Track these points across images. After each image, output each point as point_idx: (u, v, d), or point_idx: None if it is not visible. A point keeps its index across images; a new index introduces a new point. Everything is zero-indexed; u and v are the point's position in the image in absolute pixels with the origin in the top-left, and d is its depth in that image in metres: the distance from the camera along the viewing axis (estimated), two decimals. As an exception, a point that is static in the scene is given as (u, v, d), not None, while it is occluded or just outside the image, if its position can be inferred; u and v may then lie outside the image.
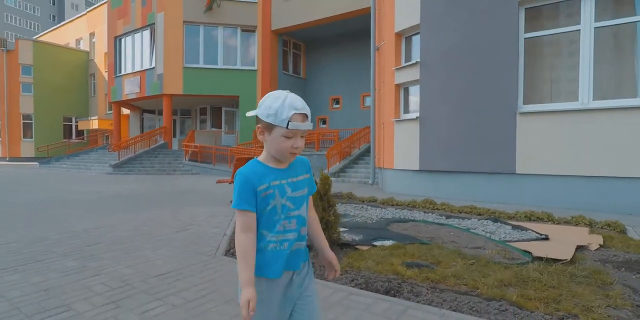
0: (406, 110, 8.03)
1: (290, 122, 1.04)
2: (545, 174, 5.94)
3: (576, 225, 4.46)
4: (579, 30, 5.72)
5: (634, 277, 2.78)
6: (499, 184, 6.36)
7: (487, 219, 4.75)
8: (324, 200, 3.38)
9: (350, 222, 4.64)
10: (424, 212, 5.36)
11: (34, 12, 63.10)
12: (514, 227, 4.27)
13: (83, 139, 27.13)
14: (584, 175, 5.65)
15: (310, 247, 1.26)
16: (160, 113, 21.12)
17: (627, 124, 5.32)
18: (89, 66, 28.04)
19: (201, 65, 17.13)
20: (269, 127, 1.08)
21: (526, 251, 3.25)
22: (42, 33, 33.95)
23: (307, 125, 1.08)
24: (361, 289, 2.54)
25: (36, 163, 20.56)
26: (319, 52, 18.95)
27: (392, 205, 5.97)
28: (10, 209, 5.88)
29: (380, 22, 8.86)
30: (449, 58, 6.83)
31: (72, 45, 29.43)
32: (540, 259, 3.04)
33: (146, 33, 18.01)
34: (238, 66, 17.45)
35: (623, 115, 5.36)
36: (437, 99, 7.00)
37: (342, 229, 4.08)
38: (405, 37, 7.95)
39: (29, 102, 25.36)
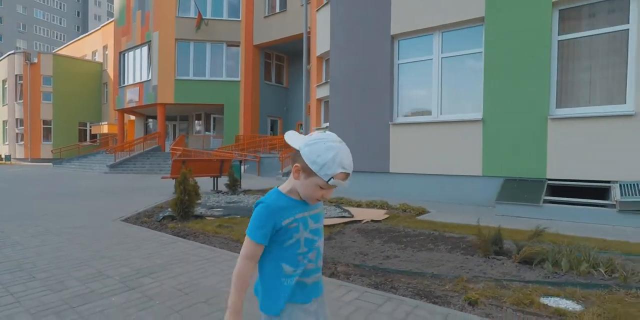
0: (326, 120, 9.68)
1: (332, 179, 1.01)
2: (409, 173, 7.47)
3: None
4: (431, 59, 7.26)
5: (362, 237, 4.35)
6: (380, 180, 7.92)
7: (334, 204, 6.37)
8: (181, 187, 5.12)
9: (229, 205, 6.35)
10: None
11: (60, 23, 67.75)
12: (343, 210, 5.87)
13: (96, 142, 29.84)
14: (434, 173, 7.15)
15: None
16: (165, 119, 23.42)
17: (464, 134, 6.80)
18: (103, 76, 30.82)
19: (191, 77, 19.22)
20: (308, 172, 1.03)
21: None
22: (64, 45, 37.23)
23: (346, 184, 1.05)
24: (178, 236, 4.27)
25: (50, 164, 23.20)
26: (301, 63, 20.73)
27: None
28: (11, 196, 7.90)
29: (310, 46, 10.57)
30: (348, 78, 8.45)
31: (89, 56, 32.39)
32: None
33: (144, 49, 20.30)
34: (224, 77, 19.45)
35: (462, 127, 6.85)
36: (340, 111, 8.62)
37: (218, 209, 5.84)
38: (325, 59, 9.62)
39: (49, 109, 28.26)
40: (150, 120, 25.25)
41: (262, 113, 19.93)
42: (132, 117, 25.99)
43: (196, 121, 23.27)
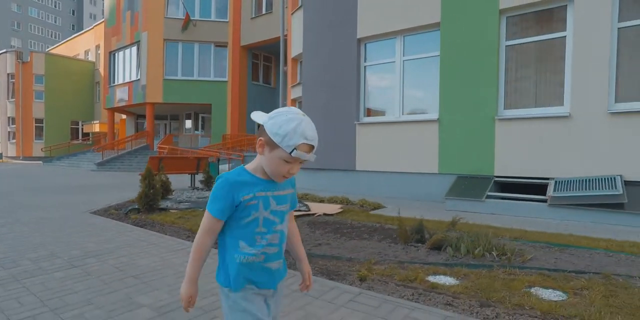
0: (301, 120, 10.03)
1: (295, 150, 1.00)
2: (374, 171, 7.83)
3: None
4: (394, 62, 7.64)
5: (307, 228, 4.70)
6: (347, 178, 8.29)
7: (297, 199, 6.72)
8: (146, 181, 5.46)
9: (199, 199, 6.70)
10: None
11: (55, 22, 67.68)
12: (302, 204, 6.22)
13: (88, 140, 30.04)
14: (397, 171, 7.52)
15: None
16: (156, 118, 23.72)
17: (423, 133, 7.17)
18: (95, 75, 31.02)
19: (179, 77, 19.53)
20: (272, 145, 1.02)
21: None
22: (57, 44, 37.39)
23: (311, 157, 1.03)
24: (137, 226, 4.61)
25: (41, 162, 23.43)
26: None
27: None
28: (-14, 191, 8.22)
29: (287, 48, 10.92)
30: (319, 80, 8.80)
31: (82, 55, 32.57)
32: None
33: (134, 49, 20.59)
34: (211, 78, 19.76)
35: (421, 127, 7.22)
36: (310, 111, 8.95)
37: (186, 203, 6.19)
38: (299, 61, 9.98)
39: (41, 108, 28.44)
40: (141, 119, 25.51)
41: (250, 112, 20.20)
42: (124, 116, 26.24)
43: (186, 120, 23.58)
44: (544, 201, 5.30)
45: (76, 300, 2.31)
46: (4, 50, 29.23)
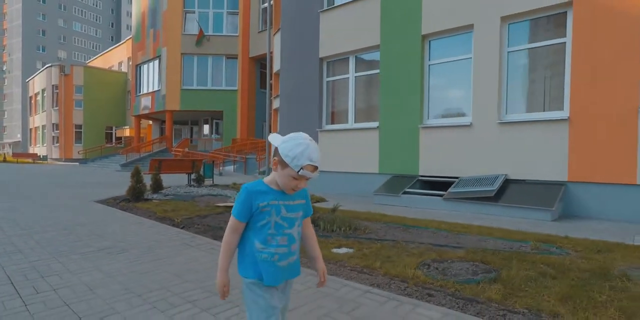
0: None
1: (301, 170, 1.22)
2: (332, 171, 9.14)
3: None
4: (348, 77, 8.94)
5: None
6: (312, 177, 9.64)
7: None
8: (135, 177, 7.11)
9: (184, 193, 8.30)
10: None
11: (96, 34, 73.36)
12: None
13: (120, 143, 33.10)
14: (349, 171, 8.79)
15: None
16: (178, 123, 26.11)
17: (368, 139, 8.41)
18: (127, 85, 34.09)
19: (194, 87, 21.61)
20: (283, 164, 1.25)
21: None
22: (95, 57, 41.14)
23: (315, 175, 1.25)
24: (121, 210, 6.24)
25: (77, 163, 26.38)
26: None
27: (233, 188, 9.55)
28: (25, 185, 10.29)
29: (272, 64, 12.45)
30: (290, 93, 10.23)
31: (116, 67, 35.86)
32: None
33: (156, 62, 22.93)
34: (223, 87, 21.70)
35: (366, 133, 8.47)
36: (285, 119, 10.43)
37: (170, 195, 7.82)
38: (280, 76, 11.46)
39: (80, 115, 31.75)
40: (165, 124, 28.01)
41: (258, 118, 22.04)
42: (150, 122, 28.86)
43: (204, 125, 25.75)
44: (441, 196, 6.45)
45: (64, 243, 3.89)
46: (50, 65, 32.86)
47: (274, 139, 1.29)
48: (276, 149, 1.27)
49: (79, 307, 2.30)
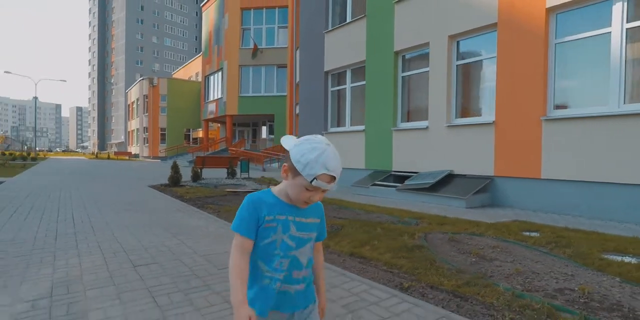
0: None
1: (315, 179, 0.98)
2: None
3: None
4: (345, 87, 10.50)
5: (235, 198, 8.22)
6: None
7: (266, 183, 10.19)
8: (173, 169, 9.62)
9: (214, 183, 10.68)
10: (260, 184, 10.98)
11: (183, 47, 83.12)
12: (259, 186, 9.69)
13: (196, 143, 38.15)
14: (343, 167, 10.36)
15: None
16: (241, 125, 29.76)
17: (357, 139, 9.88)
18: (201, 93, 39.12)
19: (250, 94, 24.62)
20: (294, 172, 1.02)
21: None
22: (179, 68, 47.52)
23: (332, 187, 1.01)
24: (161, 191, 8.75)
25: (159, 160, 31.40)
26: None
27: (259, 181, 11.71)
28: (107, 174, 13.73)
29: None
30: (309, 99, 12.07)
31: (194, 77, 41.27)
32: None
33: (219, 74, 26.52)
34: (275, 93, 24.36)
35: (356, 135, 9.95)
36: (302, 124, 12.30)
37: (203, 183, 10.27)
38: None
39: (164, 120, 37.40)
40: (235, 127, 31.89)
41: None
42: (219, 125, 33.01)
43: (262, 127, 28.87)
44: (396, 187, 7.76)
45: (115, 214, 6.30)
46: (142, 78, 39.25)
47: (287, 141, 1.08)
48: (287, 153, 1.06)
49: (112, 228, 4.51)
